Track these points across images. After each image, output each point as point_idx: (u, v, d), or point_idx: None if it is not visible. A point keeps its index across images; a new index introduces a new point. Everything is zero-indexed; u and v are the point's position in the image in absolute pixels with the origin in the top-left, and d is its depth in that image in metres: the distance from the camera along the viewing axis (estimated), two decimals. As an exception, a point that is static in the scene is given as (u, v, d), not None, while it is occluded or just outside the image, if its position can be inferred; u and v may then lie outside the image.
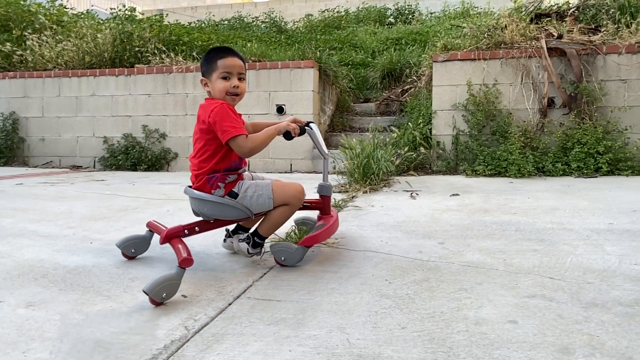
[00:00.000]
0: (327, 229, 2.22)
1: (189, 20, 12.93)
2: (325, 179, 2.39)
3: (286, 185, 2.10)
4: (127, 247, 2.26)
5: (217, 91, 2.02)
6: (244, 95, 2.11)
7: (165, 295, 1.73)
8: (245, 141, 1.98)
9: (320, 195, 2.35)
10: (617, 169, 4.67)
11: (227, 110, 1.97)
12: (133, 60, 6.80)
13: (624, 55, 5.02)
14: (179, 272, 1.78)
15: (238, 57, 2.06)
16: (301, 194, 2.09)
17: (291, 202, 2.07)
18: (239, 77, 2.04)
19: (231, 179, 2.07)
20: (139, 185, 4.73)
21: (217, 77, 2.02)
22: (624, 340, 1.34)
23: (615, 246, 2.25)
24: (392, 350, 1.33)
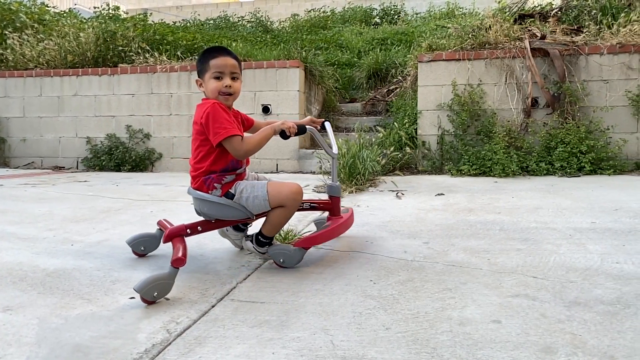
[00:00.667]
0: (329, 230, 2.19)
1: (174, 19, 12.83)
2: (334, 179, 2.35)
3: (282, 187, 2.04)
4: (136, 245, 2.27)
5: (210, 91, 2.01)
6: (238, 95, 2.07)
7: (157, 294, 1.71)
8: (239, 144, 1.95)
9: (330, 196, 2.31)
10: (600, 168, 4.72)
11: (219, 111, 1.94)
12: (116, 59, 6.72)
13: (605, 56, 5.08)
14: (171, 271, 1.77)
15: (231, 56, 2.03)
16: (296, 194, 2.02)
17: (287, 204, 2.02)
18: (232, 76, 2.01)
19: (228, 179, 2.04)
20: (122, 186, 4.67)
21: (209, 77, 2.00)
22: (605, 339, 1.35)
23: (597, 245, 2.27)
24: (376, 352, 1.32)
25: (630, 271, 1.90)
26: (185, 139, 6.28)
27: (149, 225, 2.90)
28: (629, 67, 5.02)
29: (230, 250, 2.37)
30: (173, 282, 1.77)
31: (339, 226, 2.27)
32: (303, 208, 2.31)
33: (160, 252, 2.33)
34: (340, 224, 2.27)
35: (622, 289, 1.72)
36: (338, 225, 2.26)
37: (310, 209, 2.33)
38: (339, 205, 2.32)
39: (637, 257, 2.07)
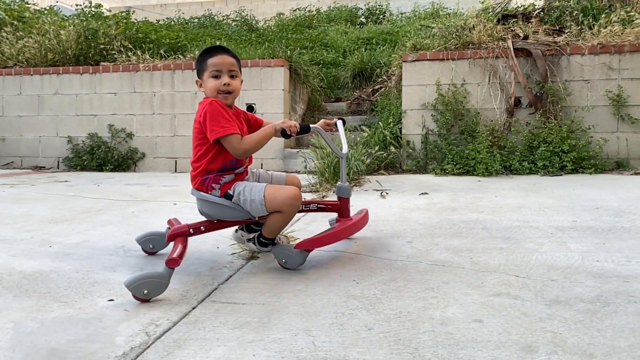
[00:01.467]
0: (333, 232, 2.12)
1: (158, 17, 12.70)
2: (342, 180, 2.26)
3: (279, 191, 1.96)
4: (145, 243, 2.26)
5: (209, 90, 1.98)
6: (238, 93, 2.04)
7: (147, 292, 1.70)
8: (238, 142, 1.91)
9: (338, 197, 2.24)
10: (581, 167, 4.78)
11: (218, 109, 1.91)
12: (98, 58, 6.62)
13: (586, 56, 5.15)
14: (165, 271, 1.74)
15: (229, 54, 2.01)
16: (293, 199, 1.95)
17: (284, 210, 1.95)
18: (231, 74, 1.98)
19: (226, 179, 2.01)
20: (104, 186, 4.61)
21: (208, 76, 1.98)
22: (585, 337, 1.36)
23: (578, 243, 2.29)
24: (357, 353, 1.31)
25: (610, 269, 1.92)
26: (168, 138, 6.22)
27: (131, 226, 2.86)
28: (610, 67, 5.09)
29: (212, 251, 2.35)
30: (167, 282, 1.74)
31: (346, 228, 2.19)
32: (310, 209, 2.27)
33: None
34: (347, 227, 2.20)
35: (602, 287, 1.74)
36: (344, 227, 2.18)
37: (318, 210, 2.27)
38: (348, 206, 2.26)
39: (616, 255, 2.09)
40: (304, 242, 2.03)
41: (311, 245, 2.04)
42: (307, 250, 2.02)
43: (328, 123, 2.34)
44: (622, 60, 5.07)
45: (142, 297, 1.70)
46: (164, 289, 1.74)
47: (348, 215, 2.25)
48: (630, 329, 1.40)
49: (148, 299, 1.71)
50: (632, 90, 5.04)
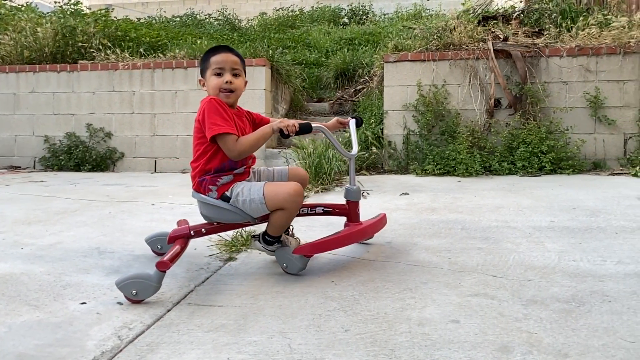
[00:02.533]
0: (337, 237, 2.02)
1: (139, 16, 12.53)
2: (351, 182, 2.15)
3: (279, 188, 1.90)
4: (153, 243, 2.23)
5: (211, 88, 1.94)
6: (241, 92, 1.99)
7: (136, 292, 1.67)
8: (233, 143, 1.85)
9: (347, 200, 2.13)
10: (560, 168, 4.84)
11: (216, 106, 1.87)
12: (76, 56, 6.50)
13: (565, 58, 5.21)
14: (155, 274, 1.71)
15: (233, 52, 1.97)
16: (295, 196, 1.87)
17: (285, 207, 1.88)
18: (234, 72, 1.94)
19: (224, 180, 1.95)
20: (81, 186, 4.52)
21: (210, 74, 1.94)
22: (560, 336, 1.37)
23: (555, 243, 2.31)
24: (333, 355, 1.30)
25: (586, 269, 1.94)
26: (147, 138, 6.13)
27: (107, 227, 2.81)
28: (587, 69, 5.16)
29: (189, 253, 2.31)
30: (156, 284, 1.70)
31: (352, 234, 2.08)
32: (316, 212, 2.17)
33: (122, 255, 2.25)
34: (354, 232, 2.07)
35: (577, 286, 1.75)
36: (350, 232, 2.06)
37: (324, 213, 2.17)
38: (357, 210, 2.13)
39: (592, 255, 2.11)
40: (303, 246, 1.96)
41: (311, 251, 1.95)
42: (306, 256, 1.95)
43: (341, 122, 2.28)
44: (599, 63, 5.15)
45: (131, 297, 1.68)
46: (153, 291, 1.70)
47: (357, 219, 2.13)
48: (604, 328, 1.41)
49: (138, 300, 1.68)
50: (609, 92, 5.12)
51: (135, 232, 2.67)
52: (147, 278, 1.69)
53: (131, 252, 2.31)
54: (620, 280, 1.80)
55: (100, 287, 1.85)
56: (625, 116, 5.10)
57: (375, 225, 2.22)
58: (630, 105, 5.09)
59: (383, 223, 2.29)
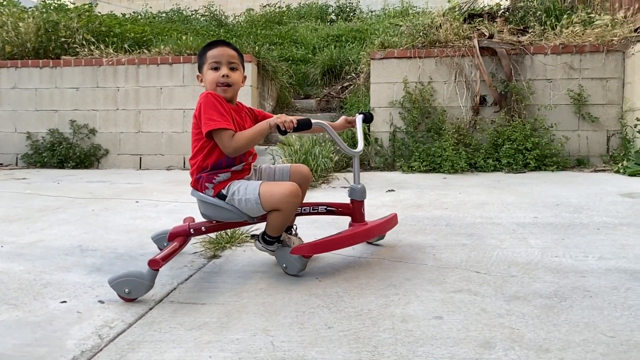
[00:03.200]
0: (337, 238, 1.93)
1: (125, 11, 12.38)
2: (356, 180, 2.05)
3: (275, 188, 1.83)
4: (159, 241, 2.19)
5: (208, 83, 1.90)
6: (239, 86, 1.94)
7: (129, 291, 1.65)
8: (229, 139, 1.80)
9: (351, 199, 2.03)
10: (544, 165, 4.89)
11: (212, 101, 1.82)
12: (59, 51, 6.41)
13: (549, 56, 5.26)
14: (148, 272, 1.67)
15: (229, 46, 1.93)
16: (290, 196, 1.80)
17: (281, 207, 1.82)
18: (231, 66, 1.90)
19: (221, 178, 1.90)
20: (64, 183, 4.46)
21: (207, 68, 1.90)
22: (542, 332, 1.37)
23: (538, 239, 2.33)
24: (316, 352, 1.29)
25: (568, 264, 1.96)
26: (132, 134, 6.07)
27: (89, 224, 2.78)
28: (571, 67, 5.21)
29: (173, 249, 2.29)
30: (148, 283, 1.67)
31: (354, 234, 1.98)
32: (318, 212, 2.09)
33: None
34: (356, 232, 1.98)
35: (559, 282, 1.76)
36: (352, 233, 1.97)
37: (327, 212, 2.09)
38: (362, 210, 2.03)
39: (574, 251, 2.13)
40: (302, 246, 1.88)
41: (310, 251, 1.88)
42: (306, 257, 1.88)
43: (349, 121, 2.21)
44: (583, 60, 5.20)
45: (124, 295, 1.65)
46: (146, 289, 1.67)
47: (362, 219, 2.03)
48: (585, 324, 1.42)
49: (131, 299, 1.66)
50: (592, 89, 5.18)
51: (118, 229, 2.65)
52: (140, 276, 1.66)
53: (114, 250, 2.28)
54: (601, 276, 1.82)
55: (82, 285, 1.82)
56: (608, 113, 5.16)
57: (382, 226, 2.12)
58: (613, 102, 5.15)
59: (392, 223, 2.19)
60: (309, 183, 2.14)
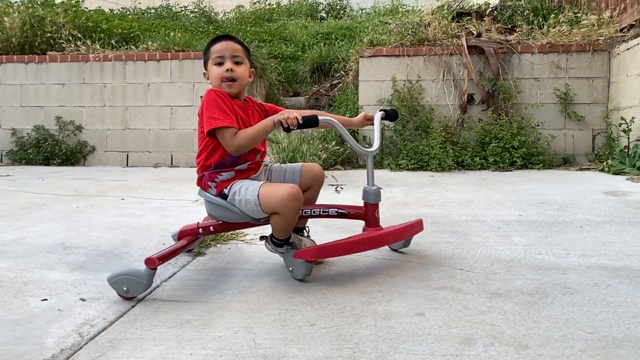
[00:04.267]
0: (343, 243, 1.82)
1: (113, 7, 12.27)
2: (369, 182, 1.91)
3: (274, 190, 1.74)
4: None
5: (213, 79, 1.84)
6: (244, 80, 1.86)
7: (127, 289, 1.63)
8: (231, 137, 1.73)
9: (364, 202, 1.89)
10: (530, 163, 4.93)
11: (215, 98, 1.77)
12: (45, 47, 6.34)
13: (536, 55, 5.30)
14: (145, 270, 1.65)
15: (233, 40, 1.87)
16: (289, 200, 1.70)
17: (280, 211, 1.73)
18: (235, 60, 1.83)
19: (224, 177, 1.84)
20: (49, 180, 4.42)
21: (211, 64, 1.85)
22: (522, 328, 1.39)
23: (522, 237, 2.35)
24: (297, 349, 1.29)
25: (550, 262, 1.98)
26: (119, 131, 6.02)
27: (73, 222, 2.75)
28: (558, 66, 5.26)
29: (157, 247, 2.28)
30: (145, 282, 1.64)
31: (365, 240, 1.83)
32: (329, 214, 1.94)
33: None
34: (367, 238, 1.83)
35: (541, 279, 1.78)
36: (362, 238, 1.83)
37: (338, 216, 1.93)
38: (375, 213, 1.89)
39: (557, 248, 2.15)
40: (305, 250, 1.79)
41: (313, 255, 1.78)
42: (309, 261, 1.77)
43: (368, 117, 2.11)
44: (569, 60, 5.25)
45: (123, 294, 1.64)
46: (143, 288, 1.65)
47: (376, 224, 1.89)
48: (564, 320, 1.43)
49: (129, 297, 1.64)
50: (578, 88, 5.22)
51: (102, 227, 2.63)
52: (138, 275, 1.64)
53: (97, 248, 2.26)
54: (582, 273, 1.84)
55: (63, 283, 1.80)
56: (594, 112, 5.22)
57: (399, 232, 1.97)
58: (599, 101, 5.20)
59: (414, 229, 2.04)
60: (322, 183, 2.05)
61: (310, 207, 1.93)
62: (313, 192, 2.00)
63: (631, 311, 1.49)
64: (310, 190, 1.98)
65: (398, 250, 2.14)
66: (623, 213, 2.74)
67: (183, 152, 5.91)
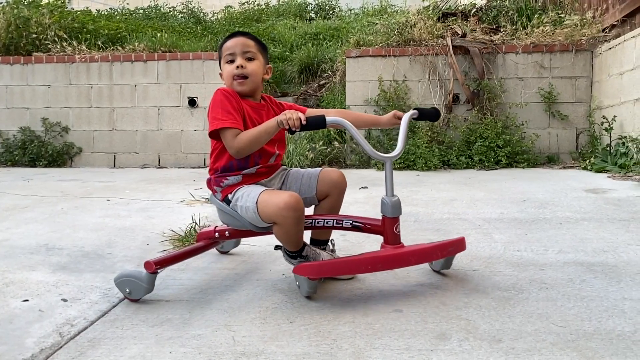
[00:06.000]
0: (351, 260, 1.64)
1: (101, 7, 12.19)
2: (388, 192, 1.70)
3: (271, 198, 1.61)
4: None
5: (226, 78, 1.75)
6: (258, 77, 1.75)
7: (130, 291, 1.63)
8: (231, 139, 1.63)
9: (383, 215, 1.67)
10: (515, 162, 4.98)
11: (220, 99, 1.67)
12: (30, 47, 6.29)
13: (520, 55, 5.36)
14: (146, 274, 1.62)
15: (246, 36, 1.76)
16: (285, 210, 1.57)
17: (277, 221, 1.61)
18: (246, 56, 1.72)
19: (230, 181, 1.74)
20: (35, 182, 4.39)
21: (223, 62, 1.76)
22: (496, 323, 1.42)
23: (502, 234, 2.39)
24: (276, 346, 1.31)
25: (529, 258, 2.01)
26: (106, 132, 6.00)
27: (58, 223, 2.75)
28: (542, 65, 5.32)
29: (141, 247, 2.29)
30: (147, 286, 1.62)
31: (376, 259, 1.59)
32: (343, 226, 1.74)
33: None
34: (379, 257, 1.60)
35: (518, 275, 1.81)
36: (374, 257, 1.60)
37: (353, 228, 1.73)
38: (396, 228, 1.64)
39: (536, 245, 2.19)
40: (304, 266, 1.60)
41: (314, 273, 1.58)
42: (310, 278, 1.58)
43: (398, 116, 1.91)
44: (553, 59, 5.31)
45: (127, 295, 1.64)
46: (144, 292, 1.63)
47: (396, 240, 1.64)
48: (538, 314, 1.47)
49: (132, 299, 1.64)
50: (562, 88, 5.29)
51: (86, 228, 2.62)
52: (138, 278, 1.62)
53: (81, 249, 2.26)
54: (559, 269, 1.87)
55: (45, 284, 1.81)
56: (577, 111, 5.28)
57: (425, 252, 1.69)
58: (582, 100, 5.27)
59: (448, 249, 1.75)
60: (342, 191, 1.85)
61: (322, 216, 1.77)
62: (332, 200, 1.83)
63: (603, 305, 1.53)
64: (329, 199, 1.83)
65: (439, 271, 1.85)
66: (602, 210, 2.79)
67: (170, 153, 5.90)
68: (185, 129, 5.88)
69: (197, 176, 4.79)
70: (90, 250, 2.24)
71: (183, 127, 5.88)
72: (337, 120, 1.66)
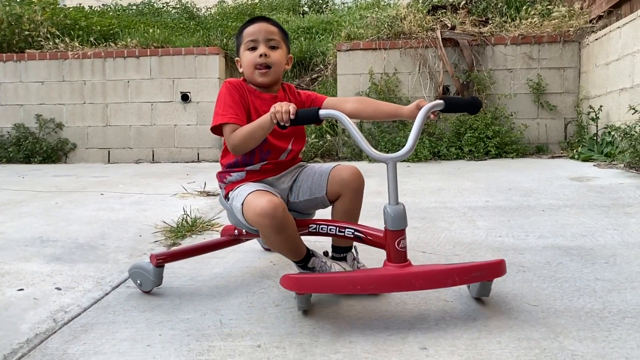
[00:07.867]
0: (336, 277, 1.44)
1: (94, 4, 12.17)
2: (391, 200, 1.47)
3: (253, 202, 1.46)
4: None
5: (246, 67, 1.62)
6: (281, 68, 1.63)
7: (140, 283, 1.66)
8: (228, 136, 1.54)
9: (385, 228, 1.44)
10: (504, 152, 5.05)
11: (224, 92, 1.58)
12: (23, 45, 6.31)
13: (509, 46, 5.41)
14: (152, 268, 1.63)
15: (269, 22, 1.64)
16: (259, 216, 1.42)
17: (257, 228, 1.49)
18: (270, 44, 1.60)
19: (233, 177, 1.65)
20: (29, 178, 4.44)
21: (244, 49, 1.62)
22: (472, 303, 1.48)
23: (486, 221, 2.45)
24: (261, 327, 1.38)
25: (509, 243, 2.08)
26: (100, 128, 6.04)
27: (52, 217, 2.80)
28: (530, 57, 5.38)
29: (134, 239, 2.35)
30: (154, 279, 1.63)
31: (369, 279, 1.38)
32: (345, 235, 1.56)
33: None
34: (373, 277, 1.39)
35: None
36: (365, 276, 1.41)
37: (355, 238, 1.56)
38: (397, 245, 1.40)
39: (517, 231, 2.26)
40: (287, 277, 1.40)
41: (290, 285, 1.38)
42: (297, 293, 1.40)
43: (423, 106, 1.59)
44: (541, 51, 5.37)
45: (138, 287, 1.67)
46: (151, 285, 1.64)
47: (400, 258, 1.39)
48: (513, 295, 1.53)
49: (143, 291, 1.67)
50: (550, 79, 5.35)
51: (80, 221, 2.68)
52: (145, 270, 1.64)
53: (75, 240, 2.32)
54: (537, 253, 1.94)
55: (40, 274, 1.87)
56: (565, 102, 5.35)
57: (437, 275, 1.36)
58: (570, 91, 5.34)
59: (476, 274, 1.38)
60: (355, 192, 1.67)
61: (324, 222, 1.61)
62: (345, 202, 1.65)
63: (576, 285, 1.59)
64: (342, 201, 1.65)
65: (476, 297, 1.51)
66: (584, 197, 2.86)
67: (164, 147, 5.95)
68: (179, 124, 5.93)
69: (191, 170, 4.84)
70: (84, 242, 2.30)
71: (176, 122, 5.93)
72: (333, 114, 1.43)
